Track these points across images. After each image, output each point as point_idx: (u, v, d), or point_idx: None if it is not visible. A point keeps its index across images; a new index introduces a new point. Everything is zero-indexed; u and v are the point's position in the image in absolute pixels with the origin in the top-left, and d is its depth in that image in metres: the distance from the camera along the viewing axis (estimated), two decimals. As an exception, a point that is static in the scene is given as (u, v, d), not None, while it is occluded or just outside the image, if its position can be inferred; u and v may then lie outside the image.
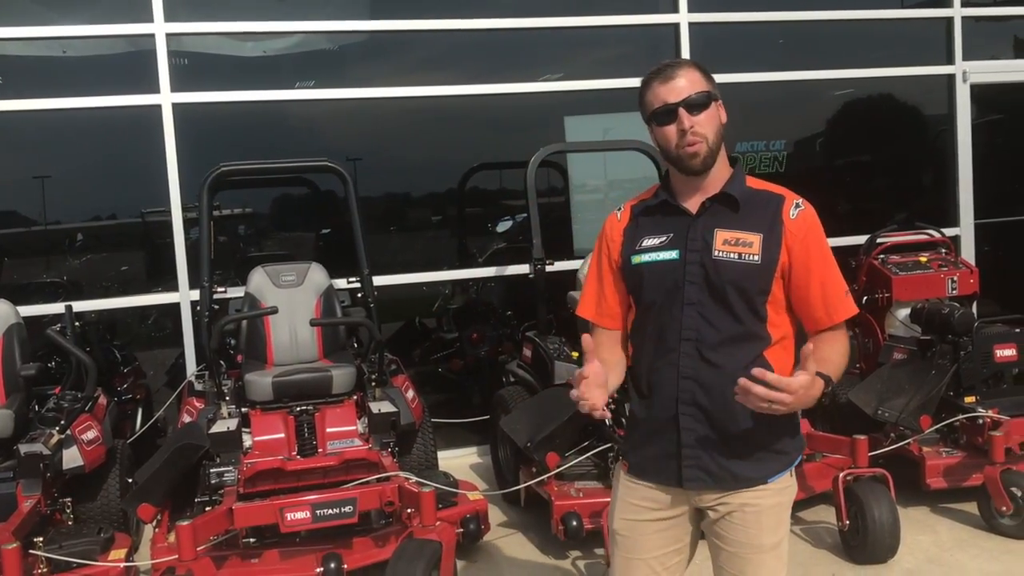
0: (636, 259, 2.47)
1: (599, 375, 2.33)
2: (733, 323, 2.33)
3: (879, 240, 6.21)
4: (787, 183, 2.53)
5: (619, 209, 2.62)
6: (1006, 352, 5.30)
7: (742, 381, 2.17)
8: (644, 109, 2.46)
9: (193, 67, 6.36)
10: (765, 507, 2.42)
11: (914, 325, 5.67)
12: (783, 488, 2.46)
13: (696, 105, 2.37)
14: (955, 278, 5.87)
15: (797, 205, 2.42)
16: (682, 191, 2.48)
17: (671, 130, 2.39)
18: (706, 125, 2.38)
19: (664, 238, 2.44)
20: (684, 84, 2.37)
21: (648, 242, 2.46)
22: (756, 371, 2.16)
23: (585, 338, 2.40)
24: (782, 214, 2.40)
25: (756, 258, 2.36)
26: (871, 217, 7.36)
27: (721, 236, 2.39)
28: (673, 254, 2.41)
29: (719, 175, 2.45)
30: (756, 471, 2.41)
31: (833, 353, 2.38)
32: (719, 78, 2.48)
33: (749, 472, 2.41)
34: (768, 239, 2.37)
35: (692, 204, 2.45)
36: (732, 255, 2.37)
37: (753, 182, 2.50)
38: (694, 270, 2.38)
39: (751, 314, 2.37)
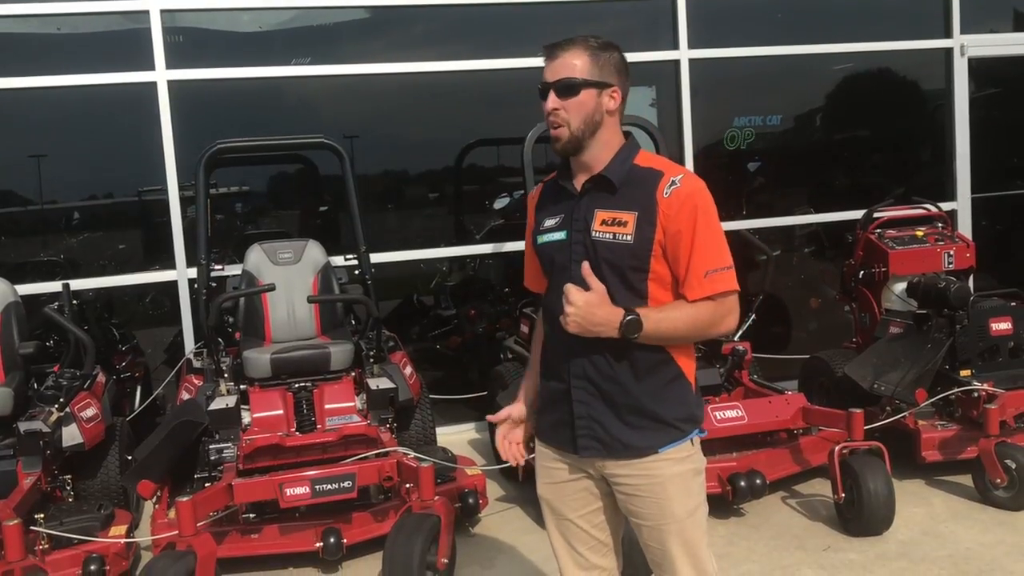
0: (539, 239, 2.58)
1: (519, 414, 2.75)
2: (613, 300, 2.37)
3: (876, 214, 6.20)
4: (784, 157, 2.54)
5: (537, 186, 2.71)
6: (1002, 326, 5.32)
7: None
8: None
9: (188, 43, 6.33)
10: (667, 476, 2.47)
11: (910, 299, 5.69)
12: (683, 458, 2.49)
13: (563, 89, 2.41)
14: (951, 252, 5.88)
15: (672, 182, 2.40)
16: (574, 171, 2.54)
17: (545, 107, 2.46)
18: (571, 111, 2.41)
19: (557, 219, 2.53)
20: (560, 65, 2.42)
21: (547, 222, 2.56)
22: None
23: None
24: (656, 193, 2.40)
25: (629, 237, 2.39)
26: (868, 191, 7.36)
27: (600, 216, 2.44)
28: (562, 235, 2.50)
29: (602, 156, 2.47)
30: (645, 440, 2.46)
31: (676, 311, 2.39)
32: (716, 52, 2.48)
33: (637, 441, 2.46)
34: (642, 218, 2.40)
35: (579, 184, 2.51)
36: (607, 235, 2.42)
37: (644, 159, 2.50)
38: (579, 249, 2.45)
39: (628, 291, 2.40)
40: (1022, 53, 7.80)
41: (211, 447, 4.74)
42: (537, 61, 2.50)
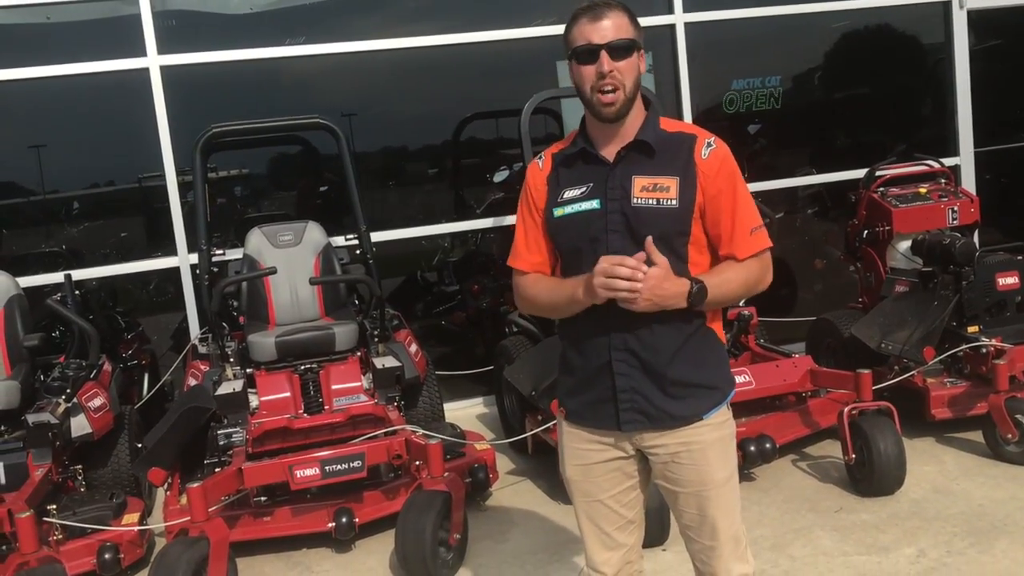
0: (559, 211, 2.49)
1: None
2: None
3: (878, 173, 6.16)
4: (784, 119, 2.51)
5: (540, 158, 2.62)
6: (1008, 280, 5.29)
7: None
8: (567, 44, 2.45)
9: (180, 28, 6.28)
10: (709, 442, 2.48)
11: (915, 257, 5.66)
12: (722, 423, 2.51)
13: (619, 50, 2.37)
14: (955, 208, 5.84)
15: (708, 144, 2.43)
16: (599, 138, 2.49)
17: (590, 70, 2.38)
18: (625, 72, 2.38)
19: (584, 188, 2.46)
20: (611, 27, 2.36)
21: (569, 193, 2.48)
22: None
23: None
24: (694, 155, 2.41)
25: (674, 202, 2.39)
26: (870, 150, 7.31)
27: (639, 183, 2.41)
28: (594, 203, 2.43)
29: (634, 121, 2.45)
30: (689, 409, 2.46)
31: (729, 272, 2.44)
32: (712, 15, 2.45)
33: (683, 411, 2.45)
34: (684, 181, 2.40)
35: (609, 152, 2.46)
36: (651, 201, 2.39)
37: (668, 124, 2.50)
38: (615, 219, 2.41)
39: (673, 257, 2.38)
40: (1022, 3, 7.72)
41: (220, 432, 4.74)
42: (531, 31, 2.46)
